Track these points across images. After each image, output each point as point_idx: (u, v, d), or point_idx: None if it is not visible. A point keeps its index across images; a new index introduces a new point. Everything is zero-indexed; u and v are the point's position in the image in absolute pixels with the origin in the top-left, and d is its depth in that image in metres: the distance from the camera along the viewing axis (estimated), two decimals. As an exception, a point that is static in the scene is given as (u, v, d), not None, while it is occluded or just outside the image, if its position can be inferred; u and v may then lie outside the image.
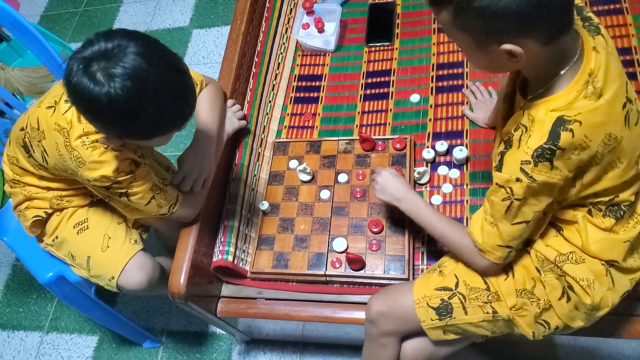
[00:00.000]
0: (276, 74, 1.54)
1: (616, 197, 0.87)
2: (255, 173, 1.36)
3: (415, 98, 1.40)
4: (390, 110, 1.40)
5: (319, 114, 1.45)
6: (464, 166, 1.26)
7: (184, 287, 1.11)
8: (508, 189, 0.83)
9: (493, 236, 0.89)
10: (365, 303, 1.10)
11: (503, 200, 0.84)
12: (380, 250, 1.18)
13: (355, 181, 1.29)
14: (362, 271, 1.17)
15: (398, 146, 1.30)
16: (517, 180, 0.81)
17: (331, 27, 1.56)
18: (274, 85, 1.52)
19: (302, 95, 1.50)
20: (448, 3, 0.73)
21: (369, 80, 1.47)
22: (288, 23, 1.64)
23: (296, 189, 1.32)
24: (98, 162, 0.99)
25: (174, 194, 1.12)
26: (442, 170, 1.27)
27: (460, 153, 1.24)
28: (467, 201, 1.21)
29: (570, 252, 0.91)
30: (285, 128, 1.45)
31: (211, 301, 1.24)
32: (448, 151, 1.29)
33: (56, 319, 1.80)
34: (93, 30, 1.32)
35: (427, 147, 1.29)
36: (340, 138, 1.37)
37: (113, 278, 1.22)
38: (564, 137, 0.77)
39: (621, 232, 0.90)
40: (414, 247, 1.19)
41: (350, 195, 1.27)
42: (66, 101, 1.01)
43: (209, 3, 2.49)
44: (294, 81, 1.53)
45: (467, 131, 1.31)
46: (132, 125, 0.87)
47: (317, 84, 1.51)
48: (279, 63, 1.56)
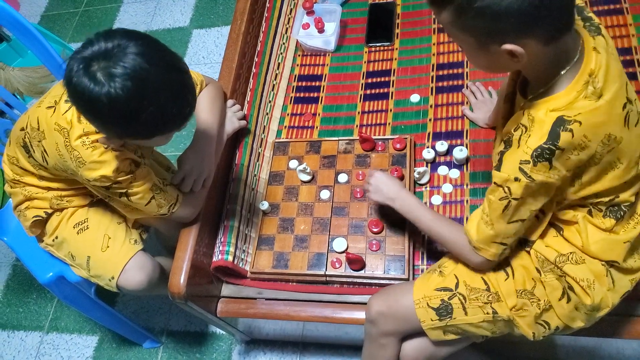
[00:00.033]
0: (276, 74, 1.54)
1: (616, 198, 0.87)
2: (255, 173, 1.36)
3: (415, 98, 1.40)
4: (390, 110, 1.40)
5: (319, 114, 1.45)
6: (464, 166, 1.26)
7: (184, 287, 1.11)
8: (506, 189, 0.83)
9: (488, 234, 0.89)
10: (365, 303, 1.10)
11: (501, 199, 0.84)
12: (380, 250, 1.18)
13: (355, 181, 1.29)
14: (362, 271, 1.17)
15: (398, 146, 1.30)
16: (516, 179, 0.81)
17: (331, 27, 1.56)
18: (274, 85, 1.52)
19: (302, 95, 1.50)
20: (449, 3, 0.73)
21: (369, 80, 1.47)
22: (288, 23, 1.64)
23: (296, 189, 1.32)
24: (98, 162, 0.99)
25: (174, 194, 1.12)
26: (442, 170, 1.27)
27: (460, 153, 1.24)
28: (467, 201, 1.21)
29: (570, 253, 0.92)
30: (285, 128, 1.45)
31: (211, 301, 1.24)
32: (448, 151, 1.29)
33: (56, 319, 1.80)
34: (93, 30, 1.31)
35: (427, 147, 1.29)
36: (340, 138, 1.37)
37: (113, 278, 1.22)
38: (564, 137, 0.77)
39: (621, 233, 0.90)
40: (414, 247, 1.19)
41: (350, 195, 1.27)
42: (66, 101, 1.01)
43: (209, 3, 2.49)
44: (294, 81, 1.53)
45: (467, 131, 1.31)
46: (132, 125, 0.87)
47: (317, 84, 1.51)
48: (279, 63, 1.56)
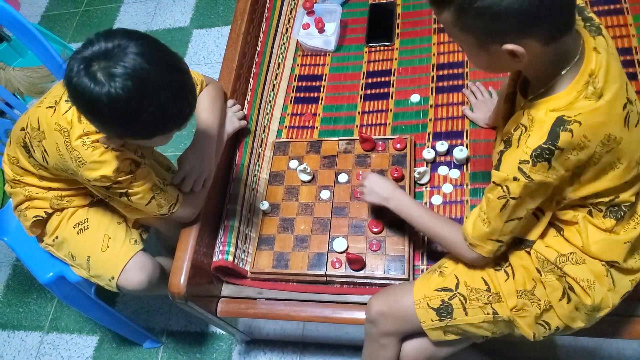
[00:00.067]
0: (276, 74, 1.54)
1: (616, 198, 0.87)
2: (255, 173, 1.36)
3: (415, 98, 1.40)
4: (390, 110, 1.40)
5: (319, 114, 1.45)
6: (464, 166, 1.26)
7: (184, 287, 1.11)
8: (505, 188, 0.83)
9: (484, 231, 0.89)
10: (365, 303, 1.10)
11: (499, 198, 0.85)
12: (380, 250, 1.18)
13: (355, 181, 1.29)
14: (362, 271, 1.17)
15: (398, 146, 1.30)
16: (515, 179, 0.81)
17: (331, 27, 1.56)
18: (274, 85, 1.52)
19: (303, 95, 1.50)
20: (450, 3, 0.73)
21: (369, 80, 1.47)
22: (288, 23, 1.64)
23: (296, 189, 1.32)
24: (98, 162, 0.99)
25: (174, 194, 1.12)
26: (443, 170, 1.27)
27: (460, 153, 1.24)
28: (467, 201, 1.21)
29: (570, 253, 0.91)
30: (285, 128, 1.45)
31: (211, 301, 1.24)
32: (448, 151, 1.29)
33: (56, 319, 1.80)
34: (93, 30, 1.31)
35: (428, 147, 1.29)
36: (340, 138, 1.37)
37: (113, 278, 1.22)
38: (563, 138, 0.77)
39: (622, 233, 0.90)
40: (415, 248, 1.19)
41: (350, 195, 1.27)
42: (66, 101, 1.01)
43: (210, 3, 2.49)
44: (294, 81, 1.53)
45: (468, 131, 1.31)
46: (133, 124, 0.87)
47: (318, 84, 1.50)
48: (279, 63, 1.56)
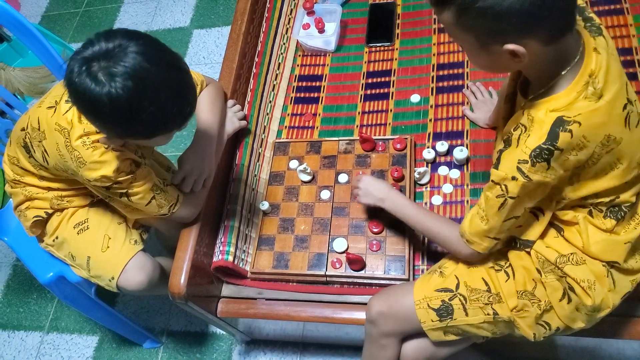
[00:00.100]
0: (276, 74, 1.54)
1: (617, 198, 0.87)
2: (255, 173, 1.36)
3: (415, 98, 1.40)
4: (390, 110, 1.40)
5: (320, 114, 1.45)
6: (465, 166, 1.26)
7: (184, 288, 1.11)
8: (503, 187, 0.83)
9: (482, 228, 0.90)
10: (365, 303, 1.10)
11: (497, 197, 0.85)
12: (380, 250, 1.18)
13: (355, 182, 1.29)
14: (363, 271, 1.17)
15: (398, 146, 1.29)
16: (513, 178, 0.81)
17: (331, 28, 1.56)
18: (275, 85, 1.52)
19: (303, 95, 1.50)
20: (451, 3, 0.73)
21: (370, 80, 1.47)
22: (288, 23, 1.64)
23: (296, 189, 1.32)
24: (98, 162, 0.99)
25: (175, 194, 1.12)
26: (443, 170, 1.27)
27: (460, 153, 1.24)
28: (468, 201, 1.21)
29: (571, 254, 0.91)
30: (285, 128, 1.45)
31: (211, 301, 1.24)
32: (448, 151, 1.29)
33: (56, 319, 1.80)
34: (94, 30, 1.32)
35: (428, 148, 1.29)
36: (340, 138, 1.36)
37: (113, 278, 1.22)
38: (563, 138, 0.77)
39: (622, 233, 0.90)
40: (415, 248, 1.19)
41: (350, 195, 1.27)
42: (67, 101, 1.01)
43: (210, 3, 2.49)
44: (295, 81, 1.53)
45: (468, 131, 1.31)
46: (133, 124, 0.87)
47: (318, 84, 1.50)
48: (280, 63, 1.56)
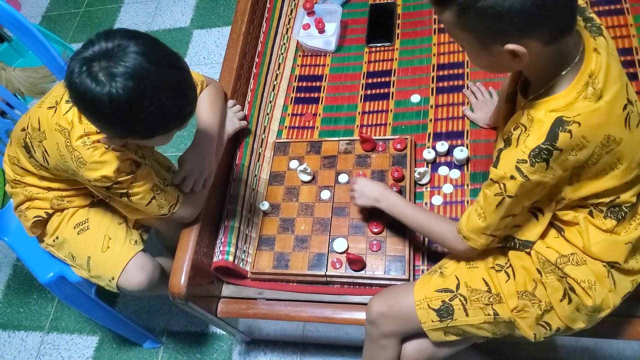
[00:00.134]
0: (277, 75, 1.54)
1: (617, 199, 0.87)
2: (255, 173, 1.36)
3: (415, 98, 1.40)
4: (390, 110, 1.40)
5: (320, 115, 1.45)
6: (465, 167, 1.26)
7: (185, 288, 1.11)
8: (502, 185, 0.83)
9: (479, 225, 0.90)
10: (365, 304, 1.10)
11: (496, 195, 0.85)
12: (380, 250, 1.18)
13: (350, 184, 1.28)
14: (363, 272, 1.17)
15: (398, 146, 1.29)
16: (512, 178, 0.81)
17: (332, 28, 1.56)
18: (275, 85, 1.52)
19: (303, 95, 1.50)
20: (452, 3, 0.73)
21: (370, 80, 1.47)
22: (289, 23, 1.64)
23: (297, 190, 1.32)
24: (99, 163, 0.99)
25: (175, 194, 1.12)
26: (443, 170, 1.27)
27: (460, 153, 1.24)
28: (468, 202, 1.21)
29: (571, 254, 0.91)
30: (285, 128, 1.44)
31: (211, 301, 1.24)
32: (449, 152, 1.29)
33: (57, 319, 1.80)
34: (94, 30, 1.31)
35: (428, 148, 1.29)
36: (340, 138, 1.36)
37: (113, 279, 1.22)
38: (562, 138, 0.77)
39: (622, 234, 0.90)
40: (415, 248, 1.19)
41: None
42: (67, 101, 1.00)
43: (210, 3, 2.49)
44: (295, 81, 1.53)
45: (468, 132, 1.31)
46: (134, 124, 0.87)
47: (318, 85, 1.50)
48: (280, 63, 1.56)
